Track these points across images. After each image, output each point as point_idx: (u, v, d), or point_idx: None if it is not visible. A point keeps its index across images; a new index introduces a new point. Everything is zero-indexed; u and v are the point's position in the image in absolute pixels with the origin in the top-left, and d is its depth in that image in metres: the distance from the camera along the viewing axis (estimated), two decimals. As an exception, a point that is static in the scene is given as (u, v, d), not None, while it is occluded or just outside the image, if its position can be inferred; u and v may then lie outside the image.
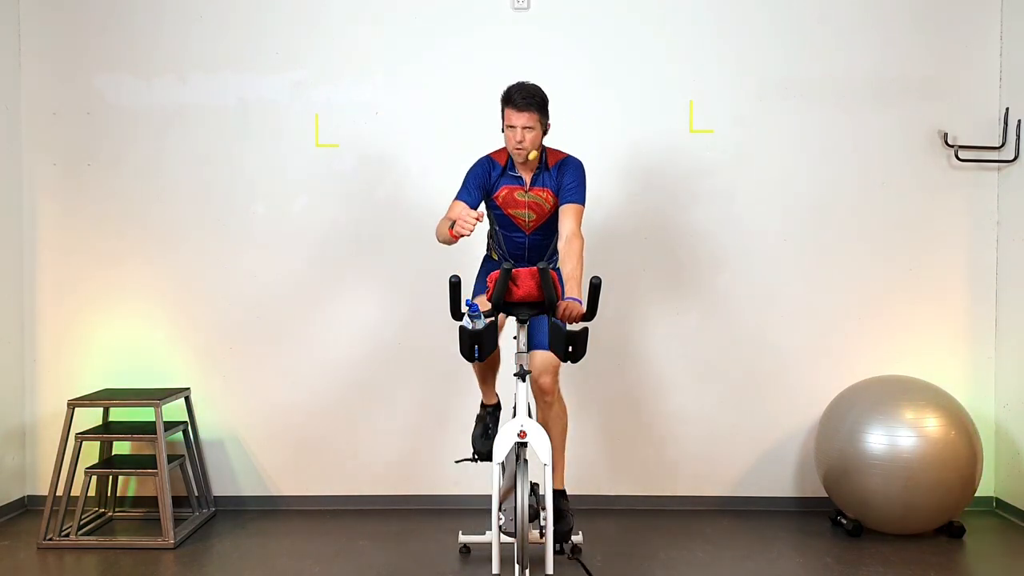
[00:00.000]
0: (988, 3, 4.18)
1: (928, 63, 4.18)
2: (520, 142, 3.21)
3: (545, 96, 3.25)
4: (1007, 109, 4.14)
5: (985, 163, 4.18)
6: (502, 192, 3.34)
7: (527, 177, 3.33)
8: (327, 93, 4.23)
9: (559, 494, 3.42)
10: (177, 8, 4.23)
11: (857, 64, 4.18)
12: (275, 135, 4.23)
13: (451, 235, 3.08)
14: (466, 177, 3.35)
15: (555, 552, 3.02)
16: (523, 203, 3.34)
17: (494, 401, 3.65)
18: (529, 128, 3.20)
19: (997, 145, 4.16)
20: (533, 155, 3.26)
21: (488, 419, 3.63)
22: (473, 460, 3.64)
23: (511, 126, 3.21)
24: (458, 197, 3.29)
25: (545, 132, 3.30)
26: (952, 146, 4.17)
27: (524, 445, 2.99)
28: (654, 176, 4.22)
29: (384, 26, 4.22)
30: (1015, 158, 4.10)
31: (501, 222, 3.42)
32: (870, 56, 4.18)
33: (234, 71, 4.23)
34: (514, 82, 3.26)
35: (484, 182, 3.32)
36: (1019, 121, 4.09)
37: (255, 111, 4.23)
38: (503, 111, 3.25)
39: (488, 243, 3.57)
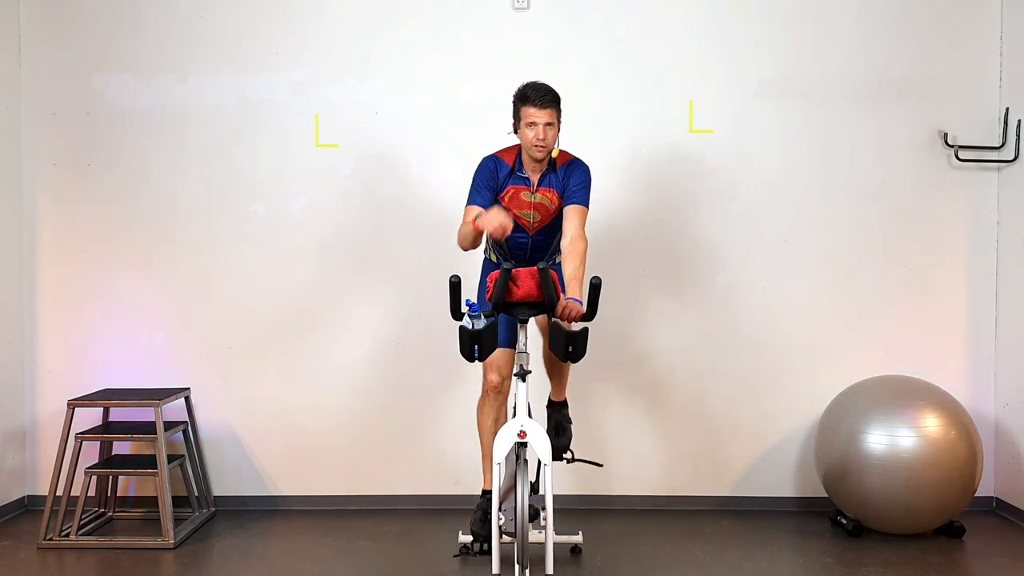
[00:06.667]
0: (988, 3, 4.18)
1: (928, 63, 4.18)
2: (542, 139, 3.17)
3: (558, 93, 3.24)
4: (1007, 109, 4.14)
5: (985, 163, 4.18)
6: (508, 192, 3.31)
7: (534, 178, 3.31)
8: (327, 93, 4.23)
9: (561, 404, 3.63)
10: (177, 8, 4.22)
11: (857, 64, 4.18)
12: (275, 135, 4.23)
13: (475, 227, 3.04)
14: (475, 179, 3.30)
15: (554, 459, 3.08)
16: (528, 204, 3.32)
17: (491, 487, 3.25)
18: (550, 124, 3.18)
19: (997, 145, 4.15)
20: (556, 152, 3.25)
21: (487, 506, 3.32)
22: (471, 553, 3.48)
23: (533, 123, 3.16)
24: (471, 202, 3.25)
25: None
26: (952, 146, 4.17)
27: (524, 445, 2.99)
28: (654, 176, 4.22)
29: (384, 26, 4.22)
30: (1015, 158, 4.10)
31: None
32: (870, 56, 4.18)
33: (234, 71, 4.23)
34: (525, 82, 3.24)
35: (493, 182, 3.28)
36: (1019, 121, 4.09)
37: (255, 111, 4.23)
38: (519, 110, 3.21)
39: (486, 244, 3.51)
